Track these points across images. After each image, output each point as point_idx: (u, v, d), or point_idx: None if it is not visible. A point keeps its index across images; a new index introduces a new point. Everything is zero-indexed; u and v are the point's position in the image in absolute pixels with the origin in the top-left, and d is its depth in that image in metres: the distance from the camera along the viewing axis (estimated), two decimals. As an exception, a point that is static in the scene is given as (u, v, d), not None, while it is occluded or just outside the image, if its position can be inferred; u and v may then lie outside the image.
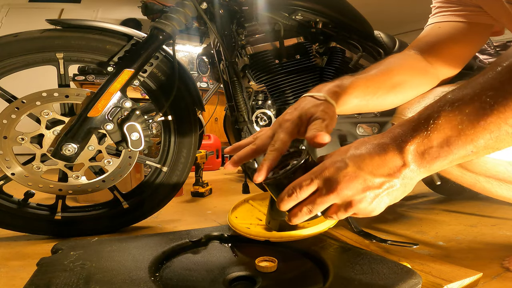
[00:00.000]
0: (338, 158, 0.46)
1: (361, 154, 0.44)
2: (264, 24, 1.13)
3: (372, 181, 0.43)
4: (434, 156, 0.40)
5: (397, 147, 0.42)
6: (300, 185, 0.46)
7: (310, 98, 0.59)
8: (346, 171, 0.44)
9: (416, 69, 0.72)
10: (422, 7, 3.65)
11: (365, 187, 0.43)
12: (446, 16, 0.74)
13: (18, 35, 0.95)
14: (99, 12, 3.77)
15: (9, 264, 0.84)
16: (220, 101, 2.52)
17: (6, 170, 0.95)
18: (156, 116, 1.09)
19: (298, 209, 0.47)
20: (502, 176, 0.67)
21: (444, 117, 0.39)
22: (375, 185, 0.43)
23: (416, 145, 0.41)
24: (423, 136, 0.40)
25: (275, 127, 0.57)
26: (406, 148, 0.41)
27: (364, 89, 0.64)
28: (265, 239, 0.78)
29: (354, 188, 0.43)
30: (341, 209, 0.45)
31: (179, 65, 1.12)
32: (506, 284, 0.72)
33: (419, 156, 0.41)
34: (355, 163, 0.44)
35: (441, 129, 0.39)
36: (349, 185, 0.43)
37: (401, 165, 0.41)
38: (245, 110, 1.06)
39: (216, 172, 2.94)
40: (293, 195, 0.46)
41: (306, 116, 0.56)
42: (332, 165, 0.45)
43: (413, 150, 0.41)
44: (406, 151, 0.41)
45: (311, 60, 1.16)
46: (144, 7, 1.19)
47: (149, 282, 0.58)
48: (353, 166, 0.43)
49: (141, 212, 1.15)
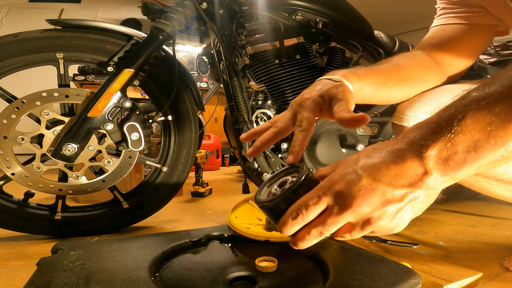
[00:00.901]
0: (348, 169, 0.40)
1: (374, 163, 0.38)
2: (264, 24, 1.13)
3: (392, 193, 0.37)
4: (459, 163, 0.35)
5: (416, 153, 0.36)
6: (306, 205, 0.40)
7: (327, 80, 0.56)
8: (360, 184, 0.38)
9: (424, 65, 0.74)
10: (422, 7, 3.64)
11: (384, 201, 0.37)
12: (449, 18, 0.75)
13: (18, 35, 0.95)
14: (99, 12, 3.77)
15: (9, 264, 0.84)
16: (220, 101, 2.51)
17: (6, 170, 0.95)
18: (156, 116, 1.09)
19: (306, 231, 0.41)
20: (501, 177, 0.67)
21: (470, 118, 0.34)
22: (396, 198, 0.37)
23: (438, 151, 0.35)
24: (446, 140, 0.35)
25: (295, 107, 0.53)
26: (426, 154, 0.35)
27: (376, 79, 0.63)
28: (265, 239, 0.78)
29: (372, 203, 0.37)
30: (357, 227, 0.39)
31: (179, 65, 1.12)
32: (506, 284, 0.72)
33: (442, 163, 0.35)
34: (370, 174, 0.38)
35: (467, 131, 0.34)
36: (366, 200, 0.37)
37: (422, 173, 0.36)
38: (245, 110, 1.06)
39: (216, 172, 2.94)
40: (299, 217, 0.40)
41: (328, 96, 0.52)
42: (342, 178, 0.39)
43: (434, 156, 0.35)
44: (427, 157, 0.35)
45: (311, 60, 1.16)
46: (144, 7, 1.19)
47: (149, 282, 0.58)
48: (367, 178, 0.38)
49: (141, 212, 1.15)
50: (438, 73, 0.74)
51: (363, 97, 0.63)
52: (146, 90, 1.12)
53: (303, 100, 0.53)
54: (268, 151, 1.06)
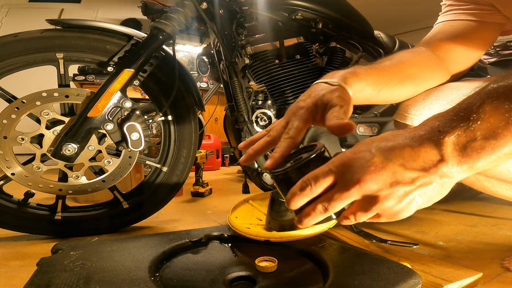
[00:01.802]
0: (362, 148, 0.39)
1: (389, 145, 0.38)
2: (264, 24, 1.13)
3: (403, 174, 0.36)
4: (478, 150, 0.34)
5: (433, 138, 0.35)
6: (315, 177, 0.39)
7: (324, 84, 0.56)
8: (372, 161, 0.37)
9: (427, 63, 0.73)
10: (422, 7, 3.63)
11: (394, 181, 0.36)
12: (458, 14, 0.75)
13: (18, 35, 0.95)
14: (99, 12, 3.77)
15: (9, 264, 0.84)
16: (220, 101, 2.52)
17: (6, 170, 0.95)
18: (156, 116, 1.09)
19: (312, 207, 0.40)
20: (503, 177, 0.67)
21: (488, 105, 0.33)
22: (406, 180, 0.36)
23: (456, 137, 0.34)
24: (465, 126, 0.34)
25: (289, 116, 0.54)
26: (444, 140, 0.34)
27: (377, 78, 0.62)
28: (265, 239, 0.79)
29: (380, 181, 0.36)
30: (362, 208, 0.39)
31: (179, 65, 1.12)
32: (506, 284, 0.72)
33: (461, 150, 0.34)
34: (383, 152, 0.37)
35: (485, 118, 0.33)
36: (374, 177, 0.36)
37: (438, 160, 0.35)
38: (245, 110, 1.06)
39: (216, 172, 2.94)
40: (307, 188, 0.39)
41: (321, 102, 0.52)
42: (354, 154, 0.39)
43: (452, 143, 0.34)
44: (445, 143, 0.34)
45: (311, 60, 1.16)
46: (144, 7, 1.19)
47: (149, 282, 0.58)
48: (380, 156, 0.37)
49: (141, 212, 1.15)
50: (442, 71, 0.74)
51: (364, 98, 0.62)
52: (146, 90, 1.12)
53: (297, 108, 0.54)
54: (269, 152, 1.06)
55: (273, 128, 0.55)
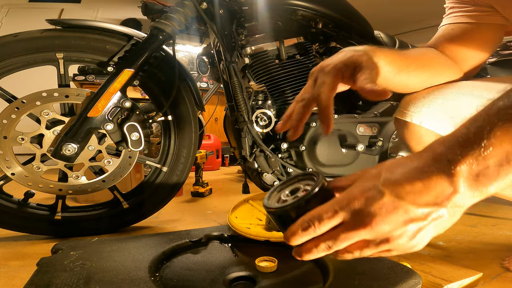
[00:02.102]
0: (369, 184, 0.37)
1: (398, 179, 0.36)
2: (264, 24, 1.12)
3: (416, 212, 0.35)
4: (491, 177, 0.32)
5: (444, 169, 0.33)
6: (320, 217, 0.37)
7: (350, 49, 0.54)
8: (382, 201, 0.35)
9: (443, 60, 0.74)
10: (422, 7, 3.62)
11: (407, 219, 0.35)
12: (457, 17, 0.75)
13: (18, 35, 0.95)
14: (99, 12, 3.77)
15: (9, 264, 0.84)
16: (220, 101, 2.52)
17: (6, 170, 0.95)
18: (156, 116, 1.09)
19: (314, 244, 0.38)
20: None
21: (500, 129, 0.32)
22: (419, 216, 0.35)
23: (468, 166, 0.32)
24: (477, 154, 0.32)
25: (315, 75, 0.52)
26: (455, 170, 0.33)
27: (397, 60, 0.62)
28: (265, 239, 0.78)
29: (393, 222, 0.35)
30: (371, 245, 0.37)
31: (179, 65, 1.12)
32: (506, 284, 0.72)
33: (473, 179, 0.33)
34: (393, 190, 0.35)
35: (497, 144, 0.32)
36: (387, 219, 0.35)
37: (450, 192, 0.34)
38: (245, 110, 1.06)
39: (216, 172, 2.94)
40: (310, 229, 0.38)
41: (350, 62, 0.50)
42: (362, 194, 0.37)
43: (465, 172, 0.33)
44: (456, 174, 0.33)
45: (311, 60, 1.16)
46: (144, 7, 1.19)
47: (149, 282, 0.58)
48: (390, 195, 0.35)
49: (141, 212, 1.15)
50: (454, 68, 0.75)
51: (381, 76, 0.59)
52: (146, 90, 1.12)
53: (324, 65, 0.51)
54: (268, 151, 1.06)
55: (302, 93, 0.53)
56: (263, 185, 1.14)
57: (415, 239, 0.36)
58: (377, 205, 0.35)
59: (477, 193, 0.33)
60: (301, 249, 0.40)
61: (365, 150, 1.05)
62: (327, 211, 0.37)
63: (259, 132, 1.09)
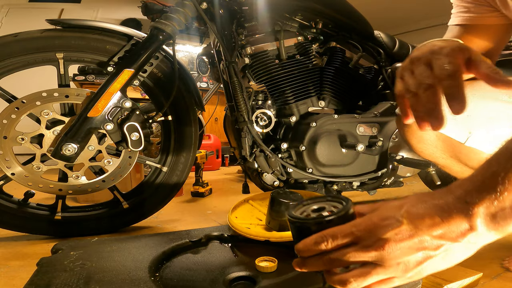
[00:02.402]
0: (389, 214, 0.38)
1: (419, 213, 0.37)
2: (264, 24, 1.12)
3: (429, 241, 0.36)
4: (507, 218, 0.34)
5: (463, 209, 0.35)
6: (334, 235, 0.39)
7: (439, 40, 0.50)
8: (399, 229, 0.37)
9: None
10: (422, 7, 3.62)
11: (419, 247, 0.37)
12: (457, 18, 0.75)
13: (18, 35, 0.95)
14: (99, 12, 3.77)
15: (9, 264, 0.84)
16: (220, 101, 2.52)
17: (6, 170, 0.95)
18: (156, 116, 1.09)
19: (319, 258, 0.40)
20: None
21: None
22: (431, 246, 0.36)
23: (485, 207, 0.34)
24: (493, 198, 0.34)
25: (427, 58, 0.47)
26: (473, 211, 0.35)
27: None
28: (265, 239, 0.78)
29: (405, 248, 0.36)
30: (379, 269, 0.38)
31: (179, 65, 1.12)
32: (506, 284, 0.72)
33: (490, 219, 0.35)
34: (412, 221, 0.37)
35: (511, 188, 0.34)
36: (400, 244, 0.36)
37: (467, 229, 0.35)
38: (245, 110, 1.06)
39: (216, 172, 2.94)
40: (322, 244, 0.39)
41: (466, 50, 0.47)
42: (381, 221, 0.38)
43: (482, 213, 0.34)
44: (474, 214, 0.34)
45: (311, 60, 1.16)
46: (144, 7, 1.19)
47: (149, 282, 0.58)
48: (408, 225, 0.37)
49: (141, 212, 1.15)
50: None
51: None
52: (146, 90, 1.12)
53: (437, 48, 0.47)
54: (268, 151, 1.06)
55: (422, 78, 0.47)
56: (263, 185, 1.14)
57: (419, 267, 0.38)
58: (394, 231, 0.37)
59: (493, 232, 0.35)
60: (305, 261, 0.41)
61: (365, 150, 1.05)
62: (343, 231, 0.39)
63: (259, 132, 1.09)
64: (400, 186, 1.23)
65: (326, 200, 0.46)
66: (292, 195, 0.83)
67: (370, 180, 1.15)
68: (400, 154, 1.11)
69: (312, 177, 1.10)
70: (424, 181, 1.66)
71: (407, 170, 1.17)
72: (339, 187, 1.16)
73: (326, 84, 1.16)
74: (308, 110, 1.14)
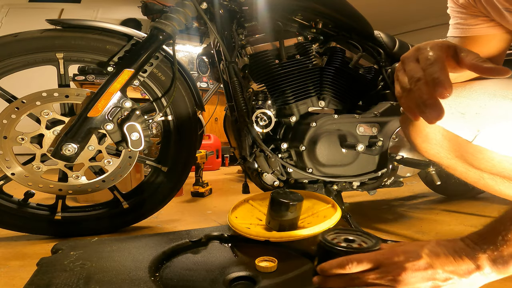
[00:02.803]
0: (412, 249, 0.47)
1: (437, 252, 0.46)
2: (264, 24, 1.12)
3: (440, 274, 0.44)
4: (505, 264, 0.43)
5: (471, 254, 0.45)
6: (359, 260, 0.46)
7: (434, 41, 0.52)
8: (418, 262, 0.45)
9: None
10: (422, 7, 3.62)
11: (430, 277, 0.44)
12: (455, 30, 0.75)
13: (18, 35, 0.95)
14: (99, 12, 3.77)
15: (9, 264, 0.84)
16: (220, 101, 2.51)
17: (6, 170, 0.95)
18: (156, 116, 1.09)
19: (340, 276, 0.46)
20: (508, 174, 0.66)
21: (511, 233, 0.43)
22: (441, 278, 0.44)
23: (488, 254, 0.44)
24: (494, 248, 0.44)
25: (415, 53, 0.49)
26: (478, 256, 0.44)
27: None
28: (265, 239, 0.78)
29: (419, 277, 0.44)
30: None
31: (179, 65, 1.12)
32: (506, 284, 0.71)
33: (492, 262, 0.44)
34: (431, 258, 0.45)
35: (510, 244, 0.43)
36: (415, 273, 0.44)
37: (474, 268, 0.44)
38: (245, 110, 1.06)
39: (216, 172, 2.94)
40: (346, 267, 0.46)
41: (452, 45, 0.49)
42: (403, 253, 0.46)
43: (485, 258, 0.44)
44: (479, 258, 0.44)
45: (311, 60, 1.16)
46: (144, 7, 1.19)
47: (149, 282, 0.58)
48: (427, 259, 0.45)
49: (141, 212, 1.15)
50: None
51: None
52: (146, 90, 1.12)
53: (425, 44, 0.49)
54: (268, 151, 1.06)
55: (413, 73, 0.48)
56: (263, 185, 1.14)
57: None
58: (412, 263, 0.45)
59: (494, 273, 0.44)
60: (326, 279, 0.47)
61: (365, 150, 1.05)
62: (368, 258, 0.46)
63: (259, 132, 1.09)
64: (400, 186, 1.23)
65: (358, 234, 0.53)
66: (292, 195, 0.83)
67: (370, 180, 1.15)
68: (400, 154, 1.11)
69: (312, 177, 1.10)
70: (424, 181, 1.66)
71: (407, 170, 1.17)
72: (339, 187, 1.16)
73: (326, 84, 1.16)
74: (308, 110, 1.14)
